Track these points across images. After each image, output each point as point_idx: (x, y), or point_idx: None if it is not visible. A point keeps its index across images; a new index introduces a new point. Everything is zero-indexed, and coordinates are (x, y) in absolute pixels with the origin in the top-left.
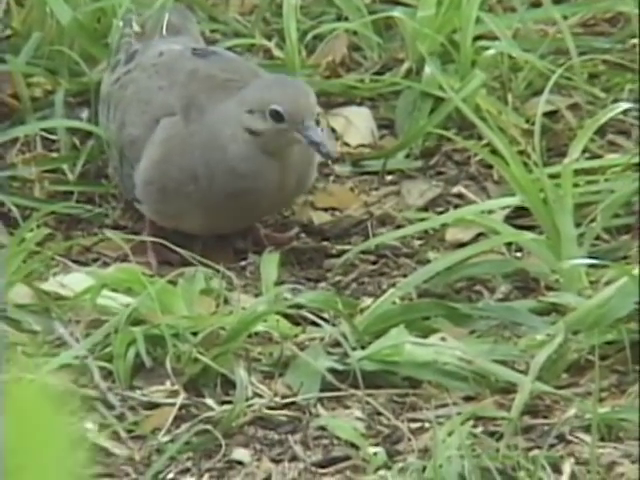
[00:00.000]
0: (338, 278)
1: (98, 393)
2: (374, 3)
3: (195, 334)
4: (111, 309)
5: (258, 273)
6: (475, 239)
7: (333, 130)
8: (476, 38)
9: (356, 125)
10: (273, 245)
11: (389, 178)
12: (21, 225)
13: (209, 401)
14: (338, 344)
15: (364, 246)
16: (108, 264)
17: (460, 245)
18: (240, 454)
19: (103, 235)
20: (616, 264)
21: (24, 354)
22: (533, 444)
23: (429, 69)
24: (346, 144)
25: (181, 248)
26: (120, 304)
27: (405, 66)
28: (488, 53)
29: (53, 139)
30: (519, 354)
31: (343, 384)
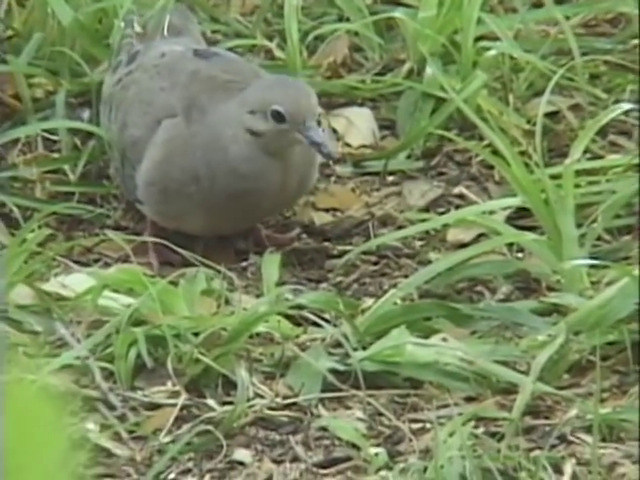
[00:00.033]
0: (339, 279)
1: (99, 394)
2: (375, 4)
3: (196, 335)
4: (112, 310)
5: (259, 274)
6: (476, 240)
7: (334, 131)
8: (477, 39)
9: (357, 126)
10: (274, 246)
11: (390, 179)
12: (22, 226)
13: (210, 402)
14: (339, 345)
15: (365, 247)
16: (109, 265)
17: (461, 246)
18: (241, 455)
19: (104, 236)
20: (617, 265)
21: (25, 355)
22: (534, 445)
23: (430, 70)
24: (347, 145)
25: (182, 249)
26: (121, 305)
27: (406, 67)
28: (489, 54)
29: (54, 140)
30: (520, 355)
31: (344, 385)
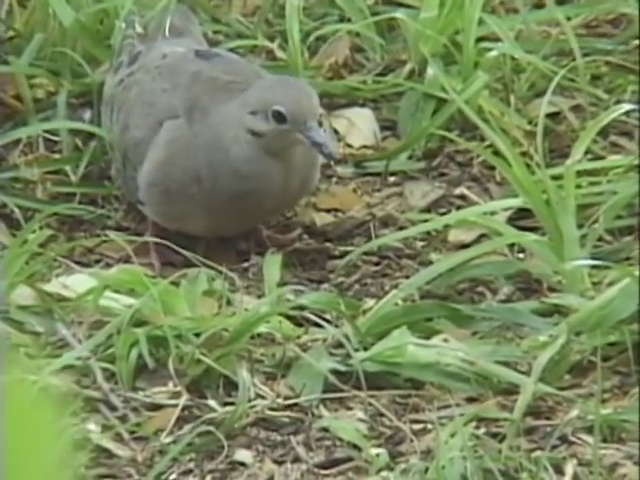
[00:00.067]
0: (341, 279)
1: (101, 394)
2: (377, 4)
3: (198, 335)
4: (114, 310)
5: (261, 274)
6: (477, 240)
7: (336, 131)
8: (479, 39)
9: (359, 126)
10: (276, 246)
11: (392, 179)
12: (23, 226)
13: (212, 402)
14: (340, 345)
15: (366, 247)
16: (111, 265)
17: (463, 246)
18: (242, 455)
19: (106, 236)
20: (618, 265)
21: (27, 355)
22: (535, 445)
23: (432, 70)
24: (349, 145)
25: (184, 249)
26: (123, 305)
27: (408, 67)
28: (491, 54)
29: (55, 140)
30: (521, 355)
31: (345, 385)
